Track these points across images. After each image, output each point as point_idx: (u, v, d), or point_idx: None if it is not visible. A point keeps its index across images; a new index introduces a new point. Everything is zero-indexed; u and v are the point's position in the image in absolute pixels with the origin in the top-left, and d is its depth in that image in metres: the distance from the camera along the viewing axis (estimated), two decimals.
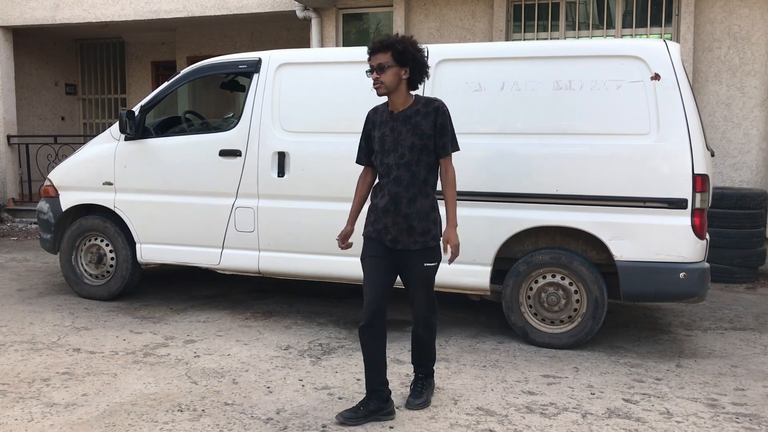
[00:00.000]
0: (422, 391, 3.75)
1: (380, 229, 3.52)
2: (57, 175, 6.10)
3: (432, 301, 3.62)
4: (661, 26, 7.99)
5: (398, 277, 3.62)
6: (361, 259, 3.59)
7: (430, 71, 4.98)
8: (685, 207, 4.50)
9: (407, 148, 3.45)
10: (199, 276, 6.91)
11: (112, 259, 5.95)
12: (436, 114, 3.48)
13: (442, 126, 3.49)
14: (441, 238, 3.57)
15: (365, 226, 3.61)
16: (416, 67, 3.48)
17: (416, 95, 3.58)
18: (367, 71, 3.56)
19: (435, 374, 4.20)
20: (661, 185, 4.54)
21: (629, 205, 4.60)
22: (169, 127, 6.00)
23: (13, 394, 3.86)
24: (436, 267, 3.58)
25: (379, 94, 3.51)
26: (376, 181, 3.68)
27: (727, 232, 6.93)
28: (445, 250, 3.52)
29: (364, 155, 3.69)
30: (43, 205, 6.16)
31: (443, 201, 3.59)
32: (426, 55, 3.59)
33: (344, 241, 3.68)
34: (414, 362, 3.81)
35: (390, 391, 3.62)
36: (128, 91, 13.00)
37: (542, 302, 4.83)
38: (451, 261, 3.55)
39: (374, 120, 3.60)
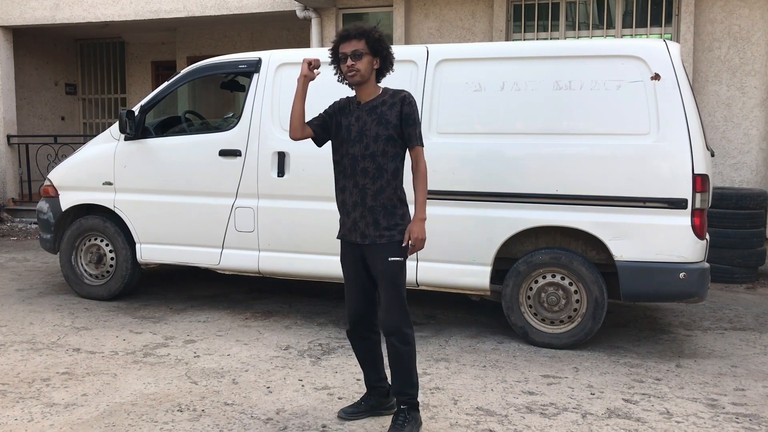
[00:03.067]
0: (404, 424, 3.32)
1: (350, 227, 3.38)
2: (57, 175, 6.10)
3: (402, 307, 3.32)
4: (661, 26, 7.99)
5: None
6: (340, 263, 3.53)
7: (430, 71, 5.04)
8: (685, 207, 4.50)
9: (371, 139, 3.30)
10: (199, 276, 6.91)
11: (112, 259, 5.95)
12: (402, 103, 3.32)
13: (407, 115, 3.31)
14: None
15: (339, 230, 3.48)
16: (387, 57, 3.38)
17: (384, 87, 3.43)
18: (336, 59, 3.38)
19: (435, 374, 4.21)
20: (661, 185, 4.54)
21: (629, 205, 4.60)
22: (169, 127, 6.00)
23: (13, 394, 3.85)
24: (403, 263, 3.34)
25: (354, 83, 3.35)
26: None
27: (727, 232, 6.93)
28: (405, 241, 3.30)
29: (314, 120, 3.48)
30: (42, 205, 6.16)
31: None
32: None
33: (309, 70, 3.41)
34: (393, 389, 3.42)
35: (388, 386, 3.62)
36: (128, 91, 13.00)
37: (542, 302, 4.83)
38: (410, 254, 3.33)
39: (345, 106, 3.45)
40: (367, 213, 3.32)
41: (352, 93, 3.52)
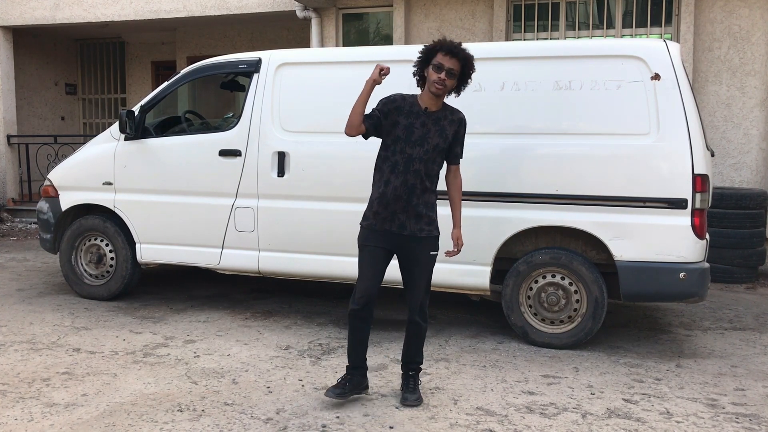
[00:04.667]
0: (415, 387, 3.84)
1: (386, 217, 3.65)
2: (57, 175, 6.10)
3: (429, 288, 3.80)
4: (661, 26, 7.99)
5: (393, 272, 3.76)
6: (360, 247, 3.73)
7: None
8: (685, 207, 4.50)
9: (431, 146, 3.65)
10: (199, 276, 6.91)
11: (111, 259, 5.95)
12: (460, 125, 3.74)
13: (461, 137, 3.77)
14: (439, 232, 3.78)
15: (365, 218, 3.74)
16: (465, 84, 3.74)
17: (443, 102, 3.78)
18: (426, 60, 3.65)
19: (435, 374, 4.22)
20: (661, 185, 4.53)
21: (629, 205, 4.60)
22: (169, 127, 6.00)
23: (13, 394, 3.85)
24: (436, 256, 3.79)
25: (437, 94, 3.63)
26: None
27: (727, 232, 6.93)
28: (454, 246, 3.78)
29: (369, 120, 3.64)
30: (42, 205, 6.16)
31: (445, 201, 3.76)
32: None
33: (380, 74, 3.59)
34: (405, 359, 3.88)
35: (367, 367, 3.88)
36: (128, 91, 13.01)
37: (542, 302, 4.83)
38: (449, 255, 3.76)
39: (401, 106, 3.69)
40: (411, 209, 3.65)
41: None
